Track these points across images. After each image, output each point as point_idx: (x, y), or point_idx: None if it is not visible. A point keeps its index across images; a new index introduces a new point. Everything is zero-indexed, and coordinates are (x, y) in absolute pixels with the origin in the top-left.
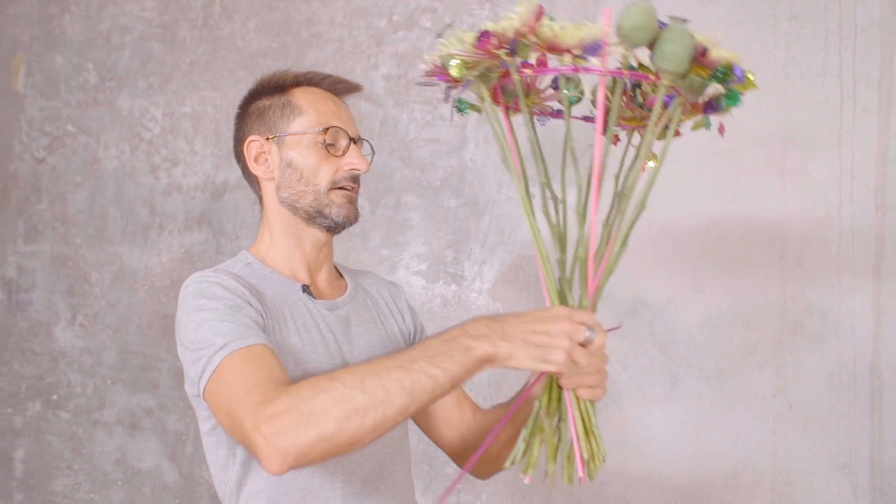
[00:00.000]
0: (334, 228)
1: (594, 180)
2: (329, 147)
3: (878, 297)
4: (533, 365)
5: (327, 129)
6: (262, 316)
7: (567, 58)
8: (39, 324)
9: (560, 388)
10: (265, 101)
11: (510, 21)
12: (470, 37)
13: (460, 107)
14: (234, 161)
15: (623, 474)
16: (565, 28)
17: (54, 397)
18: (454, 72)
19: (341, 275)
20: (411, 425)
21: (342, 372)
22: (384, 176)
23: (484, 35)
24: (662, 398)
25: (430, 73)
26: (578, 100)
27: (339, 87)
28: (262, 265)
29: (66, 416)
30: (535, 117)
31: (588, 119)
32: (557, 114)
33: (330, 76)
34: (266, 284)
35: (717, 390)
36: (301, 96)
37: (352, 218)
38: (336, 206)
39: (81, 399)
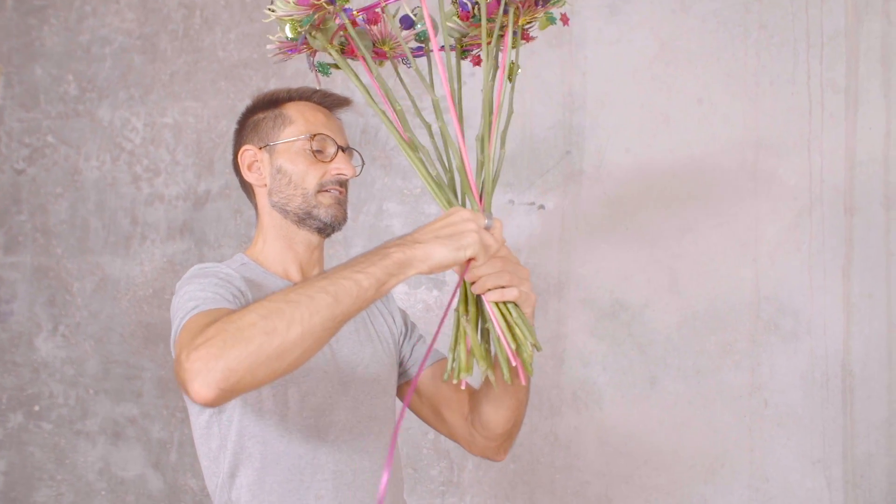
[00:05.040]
0: (324, 230)
1: (449, 104)
2: (317, 153)
3: (847, 296)
4: (452, 255)
5: (315, 135)
6: (246, 299)
7: None
8: (20, 335)
9: (477, 295)
10: (260, 115)
11: None
12: None
13: (322, 70)
14: (215, 171)
15: (604, 473)
16: None
17: (36, 408)
18: (290, 32)
19: None
20: (418, 422)
21: (273, 293)
22: (365, 184)
23: None
24: (641, 398)
25: (280, 51)
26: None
27: (329, 101)
28: (256, 265)
29: (48, 426)
30: (402, 60)
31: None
32: (419, 52)
33: (320, 90)
34: (259, 281)
35: (694, 389)
36: (292, 108)
37: (339, 218)
38: (324, 208)
39: (64, 409)
